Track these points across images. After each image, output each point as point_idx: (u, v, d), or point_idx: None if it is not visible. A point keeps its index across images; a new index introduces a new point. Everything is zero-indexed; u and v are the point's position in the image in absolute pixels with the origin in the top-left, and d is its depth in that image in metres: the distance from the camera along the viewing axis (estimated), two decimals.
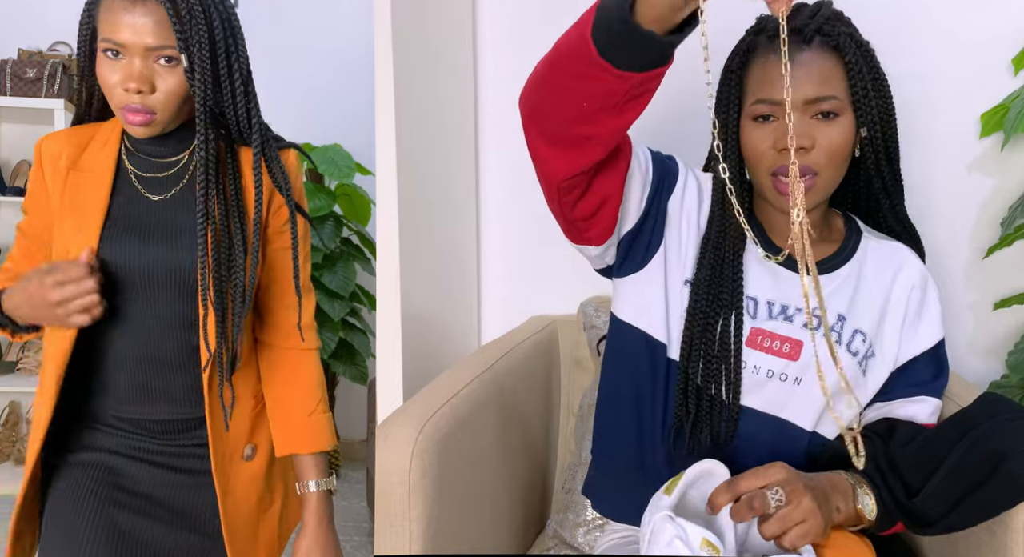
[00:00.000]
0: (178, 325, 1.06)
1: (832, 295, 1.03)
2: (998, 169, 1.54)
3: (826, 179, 0.98)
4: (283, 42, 2.82)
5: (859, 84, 0.97)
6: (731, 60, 1.03)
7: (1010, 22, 1.51)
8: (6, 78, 2.61)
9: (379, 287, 1.39)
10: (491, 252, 1.81)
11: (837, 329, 1.02)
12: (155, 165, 1.08)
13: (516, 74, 1.77)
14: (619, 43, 0.77)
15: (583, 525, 1.34)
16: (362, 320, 2.80)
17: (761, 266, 1.05)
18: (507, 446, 1.33)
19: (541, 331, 1.57)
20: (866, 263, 1.06)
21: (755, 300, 1.03)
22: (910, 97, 1.56)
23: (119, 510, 1.05)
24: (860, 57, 0.98)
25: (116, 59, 0.98)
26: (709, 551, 0.84)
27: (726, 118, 1.01)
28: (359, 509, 2.54)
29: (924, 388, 1.05)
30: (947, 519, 0.91)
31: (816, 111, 0.96)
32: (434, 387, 1.17)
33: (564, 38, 0.84)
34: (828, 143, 0.96)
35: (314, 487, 1.12)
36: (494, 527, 1.26)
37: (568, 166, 0.92)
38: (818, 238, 1.06)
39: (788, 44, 0.94)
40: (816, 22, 0.97)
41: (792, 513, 0.83)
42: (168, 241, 1.05)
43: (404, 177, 1.38)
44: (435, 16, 1.56)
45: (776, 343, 1.01)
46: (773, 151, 0.97)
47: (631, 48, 0.77)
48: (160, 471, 1.09)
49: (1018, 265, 1.54)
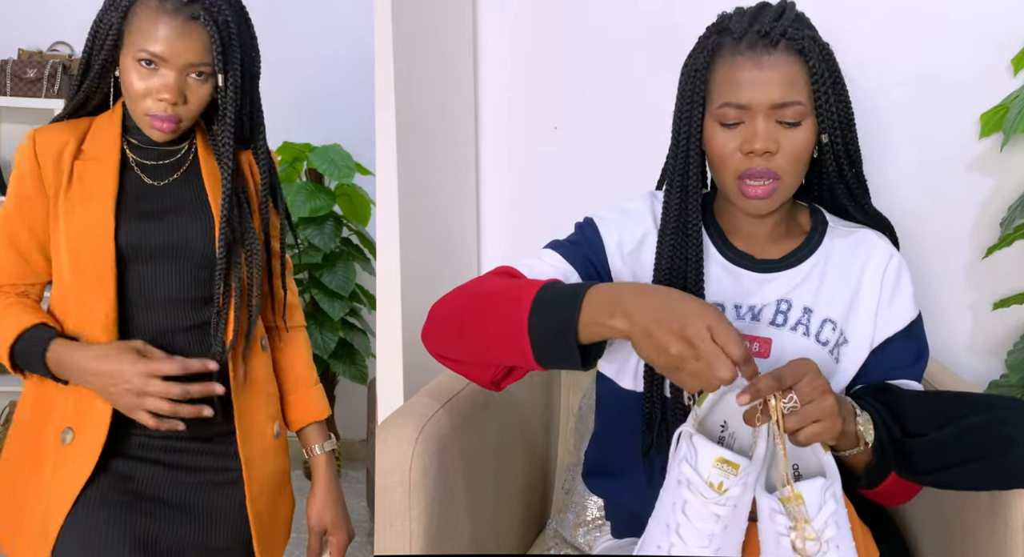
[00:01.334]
0: (193, 303, 1.10)
1: (797, 288, 1.03)
2: (998, 169, 1.54)
3: (788, 183, 0.99)
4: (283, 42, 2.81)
5: (822, 89, 0.98)
6: (695, 58, 1.01)
7: (1010, 22, 1.51)
8: (6, 78, 2.61)
9: (379, 287, 1.39)
10: (491, 252, 1.81)
11: (804, 321, 1.02)
12: (156, 153, 1.13)
13: (517, 73, 1.78)
14: (557, 358, 0.86)
15: (583, 525, 1.34)
16: (362, 320, 2.80)
17: (723, 271, 1.04)
18: (507, 446, 1.33)
19: None
20: (833, 253, 1.06)
21: (721, 306, 1.03)
22: (910, 97, 1.56)
23: (136, 515, 1.06)
24: (822, 61, 0.98)
25: (149, 69, 1.03)
26: (725, 469, 0.83)
27: (689, 118, 1.01)
28: (359, 509, 2.54)
29: (904, 371, 1.05)
30: (938, 475, 0.93)
31: (780, 117, 0.96)
32: (434, 387, 1.17)
33: (495, 312, 0.90)
34: (792, 148, 0.97)
35: (320, 450, 1.22)
36: (494, 527, 1.26)
37: (489, 375, 0.96)
38: (783, 234, 1.07)
39: (756, 47, 0.96)
40: (782, 25, 0.97)
41: (812, 410, 0.84)
42: (179, 221, 1.10)
43: (404, 177, 1.38)
44: (436, 15, 1.56)
45: (746, 344, 1.02)
46: (739, 154, 0.97)
47: (566, 360, 0.85)
48: (174, 472, 1.10)
49: (1018, 265, 1.54)
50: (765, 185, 0.97)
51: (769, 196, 0.97)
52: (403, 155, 1.38)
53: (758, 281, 1.04)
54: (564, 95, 1.74)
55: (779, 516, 0.82)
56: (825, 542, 0.81)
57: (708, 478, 0.84)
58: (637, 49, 1.67)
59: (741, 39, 0.97)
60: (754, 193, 0.97)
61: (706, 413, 0.92)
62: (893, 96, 1.57)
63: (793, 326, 1.02)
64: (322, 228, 2.59)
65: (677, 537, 0.85)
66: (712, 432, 0.93)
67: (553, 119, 1.75)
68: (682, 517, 0.85)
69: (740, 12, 1.01)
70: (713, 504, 0.83)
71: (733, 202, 1.01)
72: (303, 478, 2.76)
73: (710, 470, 0.84)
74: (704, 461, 0.84)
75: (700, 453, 0.85)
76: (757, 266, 1.04)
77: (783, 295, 1.03)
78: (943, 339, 1.59)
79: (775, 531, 0.82)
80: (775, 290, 1.03)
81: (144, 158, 1.13)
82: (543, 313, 0.85)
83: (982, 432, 0.91)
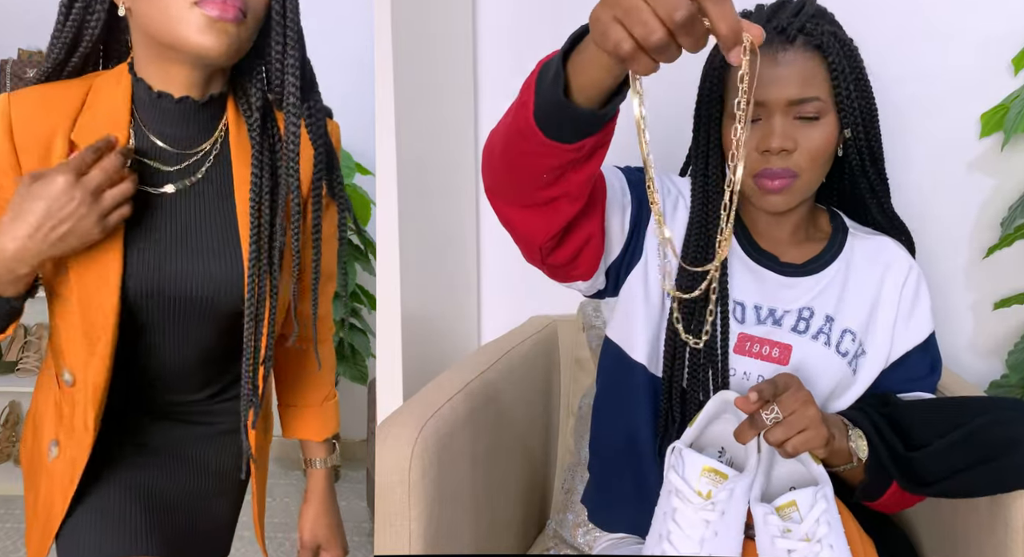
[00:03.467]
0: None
1: (820, 296, 1.03)
2: (998, 169, 1.54)
3: (806, 181, 0.98)
4: None
5: (842, 85, 0.96)
6: (712, 57, 1.02)
7: (1010, 22, 1.50)
8: (6, 78, 2.61)
9: (379, 287, 1.39)
10: (491, 252, 1.81)
11: (826, 331, 1.02)
12: (177, 139, 0.88)
13: (517, 72, 1.77)
14: (564, 124, 0.75)
15: (583, 525, 1.34)
16: (362, 320, 2.80)
17: (746, 269, 1.04)
18: (507, 446, 1.33)
19: (541, 331, 1.57)
20: (853, 261, 1.05)
21: (742, 305, 1.02)
22: (910, 97, 1.56)
23: (137, 470, 1.01)
24: (843, 57, 0.97)
25: None
26: (713, 478, 0.85)
27: (708, 116, 1.01)
28: (359, 509, 2.54)
29: (919, 383, 1.06)
30: (943, 484, 0.92)
31: (798, 113, 0.95)
32: (434, 387, 1.17)
33: (511, 119, 0.81)
34: (810, 145, 0.96)
35: (320, 465, 1.14)
36: (494, 527, 1.26)
37: (545, 226, 0.88)
38: (804, 237, 1.06)
39: (773, 43, 0.95)
40: (800, 20, 0.96)
41: (796, 421, 0.84)
42: (200, 256, 0.89)
43: (404, 177, 1.38)
44: (435, 15, 1.56)
45: (766, 348, 1.01)
46: (756, 153, 0.96)
47: (576, 124, 0.75)
48: (166, 422, 1.04)
49: (1018, 265, 1.54)
50: (782, 181, 0.96)
51: (784, 191, 0.96)
52: (403, 155, 1.38)
53: (781, 284, 1.03)
54: None
55: (771, 517, 0.83)
56: (817, 541, 0.82)
57: (696, 487, 0.86)
58: None
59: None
60: (771, 186, 0.96)
61: (700, 431, 0.94)
62: (893, 96, 1.57)
63: (815, 335, 1.01)
64: None
65: (668, 544, 0.86)
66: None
67: None
68: (673, 525, 0.86)
69: (760, 8, 1.01)
70: (701, 510, 0.85)
71: (751, 200, 1.01)
72: (302, 478, 2.76)
73: (698, 479, 0.86)
74: (692, 471, 0.87)
75: (688, 463, 0.87)
76: (781, 269, 1.04)
77: (806, 302, 1.02)
78: (943, 339, 1.57)
79: (769, 534, 0.83)
80: (797, 296, 1.02)
81: (155, 151, 0.86)
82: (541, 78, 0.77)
83: (985, 434, 0.91)
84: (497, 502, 1.28)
